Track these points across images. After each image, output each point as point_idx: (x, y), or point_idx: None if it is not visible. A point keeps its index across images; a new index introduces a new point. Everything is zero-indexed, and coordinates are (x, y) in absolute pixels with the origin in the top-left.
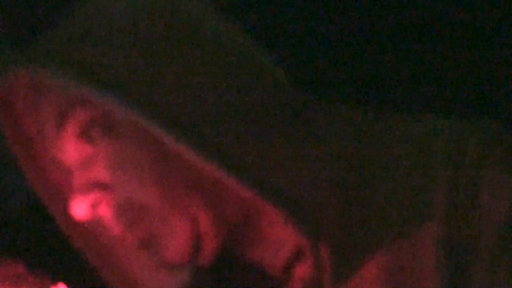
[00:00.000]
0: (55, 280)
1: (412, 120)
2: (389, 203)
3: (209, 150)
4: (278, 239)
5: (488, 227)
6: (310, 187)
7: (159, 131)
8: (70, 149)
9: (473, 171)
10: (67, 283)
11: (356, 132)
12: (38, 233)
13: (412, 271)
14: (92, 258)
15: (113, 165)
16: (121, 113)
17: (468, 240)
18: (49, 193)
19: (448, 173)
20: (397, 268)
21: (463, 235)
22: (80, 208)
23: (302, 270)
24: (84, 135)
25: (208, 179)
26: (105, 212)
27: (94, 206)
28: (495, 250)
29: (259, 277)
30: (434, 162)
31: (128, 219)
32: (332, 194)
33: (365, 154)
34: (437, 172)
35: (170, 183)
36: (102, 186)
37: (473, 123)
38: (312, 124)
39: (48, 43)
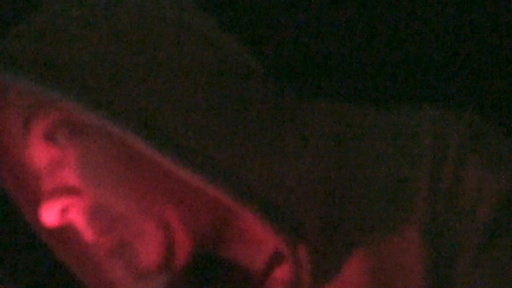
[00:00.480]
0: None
1: (395, 113)
2: (371, 201)
3: (176, 151)
4: (257, 240)
5: (472, 225)
6: (288, 186)
7: (125, 135)
8: (37, 153)
9: (456, 167)
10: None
11: (338, 128)
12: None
13: (395, 270)
14: (69, 263)
15: (82, 169)
16: (85, 115)
17: (452, 238)
18: (21, 198)
19: (431, 169)
20: (380, 267)
21: (447, 232)
22: (49, 214)
23: (282, 272)
24: (51, 138)
25: (180, 183)
26: (77, 217)
27: (64, 211)
28: (479, 249)
29: (240, 278)
30: (417, 158)
31: (99, 225)
32: (313, 192)
33: (347, 150)
34: (420, 168)
35: (141, 188)
36: (72, 191)
37: (457, 116)
38: (291, 120)
39: (11, 42)
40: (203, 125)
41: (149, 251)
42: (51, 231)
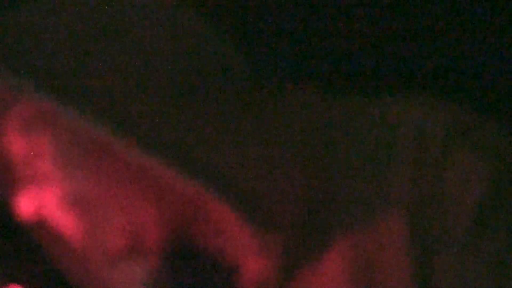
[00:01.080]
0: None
1: (379, 103)
2: (353, 192)
3: (141, 141)
4: (232, 231)
5: (456, 214)
6: (260, 176)
7: (92, 126)
8: (14, 144)
9: (440, 157)
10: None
11: (321, 117)
12: None
13: (377, 262)
14: (49, 251)
15: (54, 159)
16: (51, 106)
17: (437, 228)
18: (2, 188)
19: (413, 158)
20: (362, 260)
21: (432, 222)
22: (24, 202)
23: (255, 263)
24: (27, 129)
25: (148, 172)
26: (51, 206)
27: (38, 200)
28: (466, 238)
29: (216, 270)
30: (401, 149)
31: (71, 212)
32: (289, 183)
33: (329, 140)
34: (403, 159)
35: (110, 177)
36: (46, 181)
37: (442, 106)
38: (269, 110)
39: None
40: (169, 115)
41: (115, 238)
42: (31, 221)
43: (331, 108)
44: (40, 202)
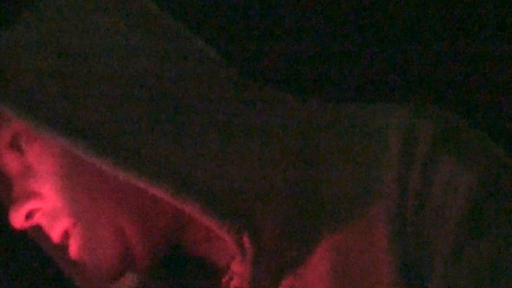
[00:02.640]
0: None
1: (363, 109)
2: (337, 199)
3: (127, 156)
4: (217, 237)
5: (444, 220)
6: (236, 180)
7: (61, 140)
8: (6, 161)
9: (425, 165)
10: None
11: (304, 123)
12: None
13: (360, 268)
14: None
15: (41, 174)
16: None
17: (423, 238)
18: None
19: (399, 169)
20: (345, 264)
21: (417, 233)
22: (16, 217)
23: (237, 265)
24: (14, 146)
25: (134, 188)
26: (42, 221)
27: (29, 215)
28: (452, 248)
29: (208, 274)
30: (385, 157)
31: (61, 228)
32: (270, 187)
33: (311, 144)
34: (388, 168)
35: (94, 193)
36: (35, 196)
37: (427, 112)
38: (252, 114)
39: None
40: (152, 128)
41: (103, 255)
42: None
43: (317, 115)
44: (31, 217)
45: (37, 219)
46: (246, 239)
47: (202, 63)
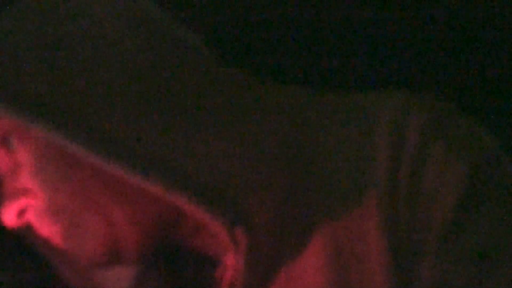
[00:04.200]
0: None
1: (354, 98)
2: (329, 185)
3: (116, 150)
4: (209, 229)
5: (435, 209)
6: (228, 171)
7: (65, 136)
8: None
9: (415, 156)
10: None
11: (294, 112)
12: None
13: (356, 257)
14: (41, 251)
15: (31, 171)
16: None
17: (414, 229)
18: None
19: (390, 154)
20: (338, 254)
21: (408, 224)
22: (8, 215)
23: (230, 258)
24: (5, 144)
25: (124, 181)
26: (33, 217)
27: (21, 212)
28: (443, 239)
29: (201, 267)
30: (376, 147)
31: (47, 222)
32: (266, 176)
33: (303, 134)
34: (378, 159)
35: (82, 183)
36: (27, 192)
37: (419, 101)
38: (243, 104)
39: None
40: (140, 121)
41: (91, 244)
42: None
43: (307, 103)
44: (23, 213)
45: (29, 215)
46: (238, 232)
47: (191, 54)
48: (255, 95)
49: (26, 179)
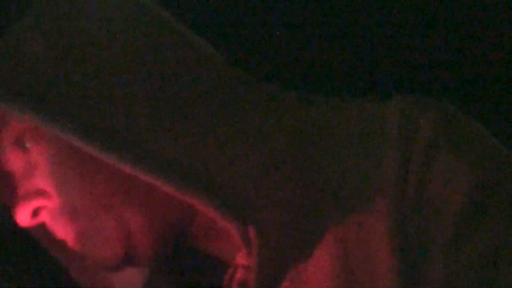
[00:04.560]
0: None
1: (363, 103)
2: (339, 188)
3: (115, 146)
4: (222, 231)
5: (443, 214)
6: (240, 173)
7: (65, 135)
8: (11, 160)
9: (423, 161)
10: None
11: (303, 118)
12: None
13: (365, 259)
14: (53, 251)
15: (46, 172)
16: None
17: (421, 233)
18: (7, 201)
19: (398, 165)
20: (350, 256)
21: (416, 228)
22: (22, 216)
23: (242, 258)
24: (19, 145)
25: (139, 183)
26: (47, 218)
27: (35, 213)
28: (451, 243)
29: (212, 268)
30: (383, 154)
31: (62, 223)
32: (277, 177)
33: (314, 136)
34: (386, 165)
35: (96, 185)
36: (41, 193)
37: (426, 106)
38: (250, 108)
39: None
40: (144, 116)
41: (105, 245)
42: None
43: (315, 110)
44: (37, 214)
45: (43, 216)
46: (251, 231)
47: (201, 56)
48: (265, 97)
49: (40, 180)
